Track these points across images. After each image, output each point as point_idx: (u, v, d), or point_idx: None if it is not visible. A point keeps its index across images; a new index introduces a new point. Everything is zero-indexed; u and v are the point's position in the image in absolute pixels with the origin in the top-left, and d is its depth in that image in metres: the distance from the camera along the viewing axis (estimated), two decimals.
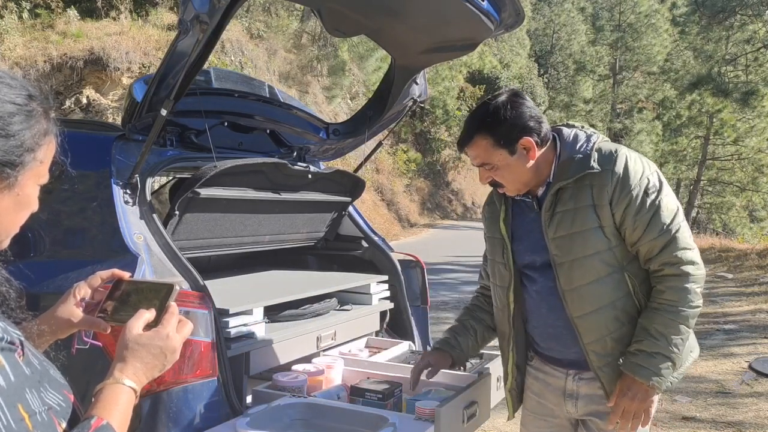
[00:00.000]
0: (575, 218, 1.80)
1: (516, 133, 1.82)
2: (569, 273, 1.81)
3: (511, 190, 1.90)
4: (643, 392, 1.77)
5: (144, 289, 1.17)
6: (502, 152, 1.83)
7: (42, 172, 1.00)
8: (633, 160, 1.79)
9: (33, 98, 0.97)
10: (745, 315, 7.58)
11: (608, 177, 1.77)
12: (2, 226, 0.97)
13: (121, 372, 1.02)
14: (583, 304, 1.81)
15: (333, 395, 2.10)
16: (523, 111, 1.83)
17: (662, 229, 1.75)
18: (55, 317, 1.20)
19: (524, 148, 1.83)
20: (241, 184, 2.60)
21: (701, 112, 27.91)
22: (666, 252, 1.76)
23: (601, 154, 1.81)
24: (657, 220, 1.75)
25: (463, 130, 1.90)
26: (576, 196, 1.81)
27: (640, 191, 1.75)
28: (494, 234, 2.01)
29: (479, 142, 1.84)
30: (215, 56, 12.21)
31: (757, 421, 4.11)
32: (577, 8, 40.91)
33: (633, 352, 1.78)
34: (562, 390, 1.95)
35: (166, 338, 1.07)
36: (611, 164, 1.78)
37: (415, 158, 24.32)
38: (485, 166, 1.86)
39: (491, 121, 1.82)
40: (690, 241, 1.78)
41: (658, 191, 1.76)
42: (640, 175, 1.77)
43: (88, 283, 1.23)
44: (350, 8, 2.39)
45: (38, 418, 0.85)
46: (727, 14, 22.55)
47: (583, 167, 1.80)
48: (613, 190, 1.76)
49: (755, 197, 30.24)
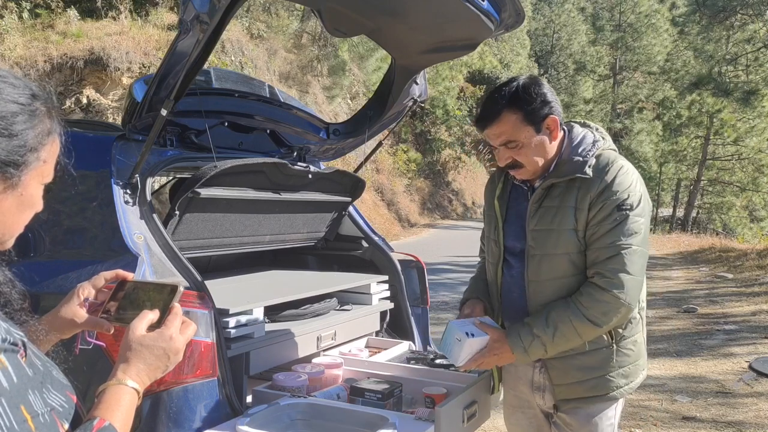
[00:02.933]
0: (556, 216, 1.86)
1: (545, 111, 1.83)
2: (538, 265, 1.89)
3: (530, 172, 1.90)
4: (506, 354, 1.87)
5: (148, 289, 1.17)
6: (529, 129, 1.83)
7: (46, 172, 0.99)
8: (623, 175, 1.82)
9: (36, 97, 0.97)
10: (746, 315, 7.57)
11: (596, 183, 1.81)
12: (6, 226, 0.97)
13: (124, 373, 1.02)
14: (541, 296, 1.89)
15: (333, 395, 2.10)
16: (546, 91, 1.86)
17: (613, 243, 1.78)
18: (58, 317, 1.19)
19: (548, 128, 1.85)
20: (242, 184, 2.60)
21: (701, 112, 27.89)
22: (605, 264, 1.80)
23: (599, 160, 1.85)
24: (614, 233, 1.79)
25: (487, 107, 1.86)
26: (563, 195, 1.86)
27: (614, 203, 1.79)
28: (490, 211, 2.07)
29: (508, 118, 1.83)
30: (215, 56, 12.20)
31: (757, 421, 4.11)
32: (578, 8, 40.92)
33: (523, 322, 1.87)
34: (530, 382, 2.01)
35: (169, 339, 1.07)
36: (603, 172, 1.82)
37: (415, 158, 24.31)
38: (510, 144, 1.85)
39: (521, 97, 1.82)
40: (635, 268, 1.78)
41: (630, 210, 1.79)
42: (623, 190, 1.80)
43: (92, 283, 1.23)
44: (350, 8, 2.38)
45: (41, 419, 0.84)
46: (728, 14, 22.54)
47: (577, 170, 1.83)
48: (595, 195, 1.81)
49: (755, 197, 30.22)
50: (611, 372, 1.89)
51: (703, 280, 10.85)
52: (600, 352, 1.88)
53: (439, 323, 6.80)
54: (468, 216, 26.46)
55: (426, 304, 3.25)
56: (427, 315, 3.25)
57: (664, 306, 8.44)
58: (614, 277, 1.77)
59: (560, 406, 1.94)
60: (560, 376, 1.91)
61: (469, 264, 11.96)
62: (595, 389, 1.89)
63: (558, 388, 1.93)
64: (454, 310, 7.86)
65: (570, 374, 1.90)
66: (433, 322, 3.84)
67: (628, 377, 1.91)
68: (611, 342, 1.88)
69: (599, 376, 1.88)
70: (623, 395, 1.92)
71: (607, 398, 1.90)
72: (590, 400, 1.90)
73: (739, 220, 30.97)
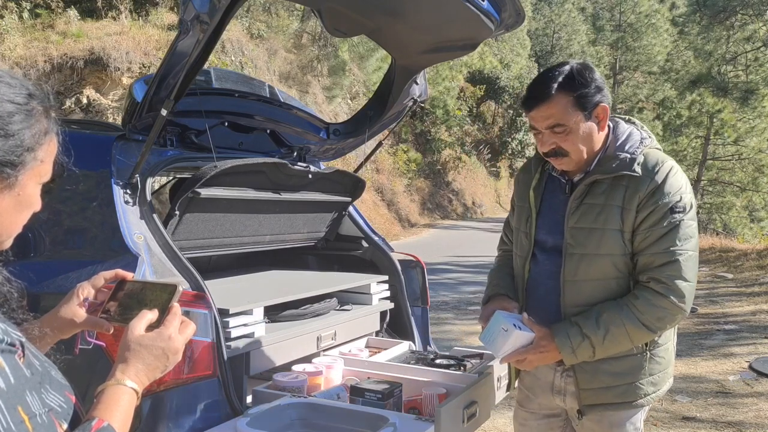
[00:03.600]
0: (600, 214, 1.78)
1: (597, 98, 1.76)
2: (576, 265, 1.80)
3: (573, 162, 1.82)
4: (551, 353, 1.78)
5: (147, 289, 1.17)
6: (579, 115, 1.75)
7: (43, 171, 0.99)
8: (674, 175, 1.75)
9: (33, 97, 0.97)
10: (746, 315, 7.57)
11: (645, 183, 1.74)
12: (4, 226, 0.97)
13: (122, 373, 1.02)
14: (578, 297, 1.81)
15: (333, 395, 2.10)
16: (599, 79, 1.79)
17: (669, 249, 1.72)
18: (58, 317, 1.19)
19: (597, 117, 1.78)
20: (242, 184, 2.60)
21: (701, 112, 27.87)
22: (661, 270, 1.73)
23: (647, 159, 1.77)
24: (669, 237, 1.72)
25: (537, 87, 1.77)
26: (608, 193, 1.78)
27: (667, 205, 1.72)
28: (523, 201, 1.98)
29: (560, 100, 1.74)
30: (215, 56, 12.20)
31: (757, 421, 4.11)
32: (578, 8, 40.91)
33: (571, 321, 1.78)
34: (551, 385, 1.96)
35: (168, 339, 1.07)
36: (653, 172, 1.74)
37: (415, 158, 24.29)
38: (557, 128, 1.76)
39: (577, 81, 1.75)
40: (690, 274, 1.73)
41: (684, 213, 1.73)
42: (675, 191, 1.73)
43: (92, 283, 1.23)
44: (350, 8, 2.38)
45: (38, 420, 0.84)
46: (728, 14, 22.53)
47: (625, 167, 1.75)
48: (645, 196, 1.73)
49: (755, 197, 30.21)
50: (641, 379, 1.83)
51: (703, 280, 10.84)
52: (632, 359, 1.82)
53: (440, 323, 6.80)
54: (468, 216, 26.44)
55: (426, 304, 3.25)
56: (427, 315, 3.25)
57: None
58: (671, 283, 1.72)
59: (585, 411, 1.87)
60: (588, 381, 1.84)
61: (469, 264, 11.96)
62: (623, 396, 1.83)
63: (584, 392, 1.86)
64: (454, 310, 7.86)
65: (599, 379, 1.83)
66: (433, 322, 3.84)
67: (656, 385, 1.86)
68: (645, 349, 1.83)
69: (629, 382, 1.83)
70: (650, 402, 1.87)
71: (634, 405, 1.85)
72: (617, 406, 1.84)
73: (740, 220, 30.95)
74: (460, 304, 8.22)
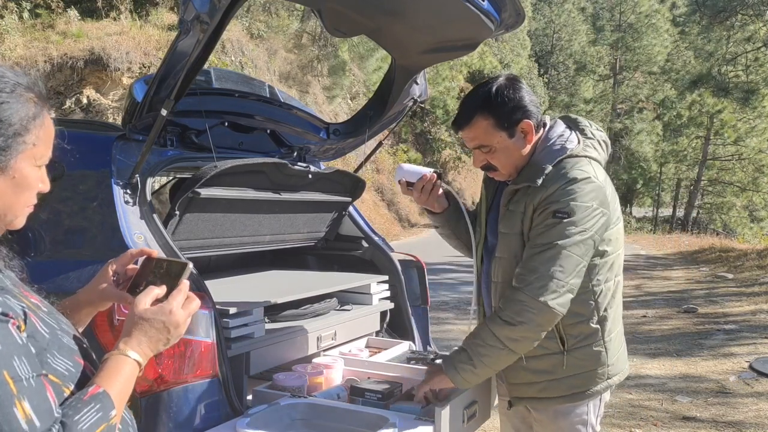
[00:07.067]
0: (515, 220, 1.85)
1: (518, 116, 1.82)
2: (499, 268, 1.90)
3: (504, 175, 1.91)
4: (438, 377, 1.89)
5: (163, 266, 1.24)
6: (501, 134, 1.82)
7: (38, 154, 1.04)
8: (572, 185, 1.76)
9: (19, 84, 1.02)
10: (746, 315, 7.58)
11: (541, 192, 1.78)
12: (6, 207, 1.02)
13: (125, 344, 1.09)
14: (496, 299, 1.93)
15: (333, 395, 2.10)
16: (523, 95, 1.83)
17: (538, 245, 1.76)
18: (90, 291, 1.28)
19: (522, 132, 1.83)
20: (242, 184, 2.60)
21: (701, 112, 27.90)
22: (524, 264, 1.78)
23: (557, 168, 1.80)
24: (542, 236, 1.76)
25: (461, 111, 1.86)
26: (520, 200, 1.85)
27: (552, 210, 1.75)
28: (480, 199, 2.11)
29: (480, 123, 1.82)
30: (215, 56, 12.20)
31: (757, 421, 4.11)
32: (578, 8, 40.90)
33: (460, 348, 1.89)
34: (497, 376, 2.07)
35: (169, 313, 1.12)
36: (551, 182, 1.78)
37: (415, 158, 24.30)
38: (482, 148, 1.85)
39: (494, 102, 1.80)
40: (555, 268, 1.71)
41: (566, 217, 1.73)
42: (565, 198, 1.75)
43: (120, 260, 1.31)
44: (350, 8, 2.38)
45: (25, 383, 0.90)
46: (728, 14, 22.54)
47: (529, 178, 1.82)
48: (538, 203, 1.79)
49: (755, 197, 30.25)
50: (560, 376, 1.88)
51: (703, 280, 10.85)
52: (550, 357, 1.88)
53: (440, 323, 6.81)
54: None
55: (426, 304, 3.25)
56: (427, 315, 3.25)
57: (664, 306, 8.45)
58: (528, 276, 1.74)
59: (514, 402, 1.99)
60: (512, 375, 1.95)
61: (469, 264, 11.93)
62: (545, 391, 1.91)
63: (511, 386, 1.98)
64: (454, 310, 7.87)
65: (520, 375, 1.93)
66: (433, 322, 3.84)
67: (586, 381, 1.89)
68: (563, 349, 1.87)
69: (549, 379, 1.89)
70: (589, 397, 1.90)
71: (565, 399, 1.90)
72: (543, 401, 1.93)
73: (740, 220, 30.97)
74: (460, 304, 8.22)
